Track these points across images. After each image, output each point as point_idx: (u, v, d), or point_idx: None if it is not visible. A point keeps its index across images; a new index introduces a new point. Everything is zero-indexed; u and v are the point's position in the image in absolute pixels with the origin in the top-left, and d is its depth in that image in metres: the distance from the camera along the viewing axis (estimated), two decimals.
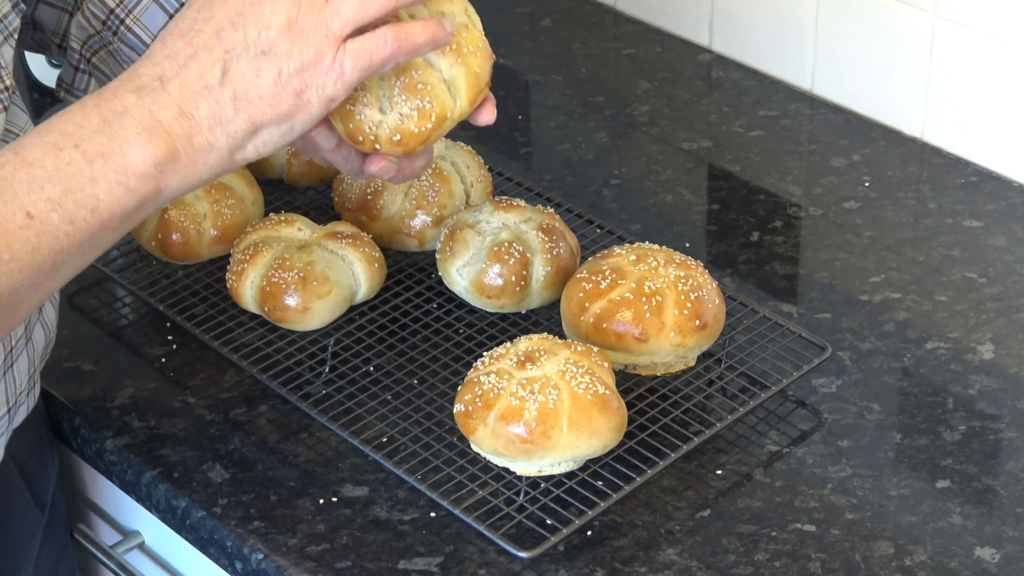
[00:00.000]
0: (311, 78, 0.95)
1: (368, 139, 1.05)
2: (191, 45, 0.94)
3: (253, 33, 0.94)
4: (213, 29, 0.95)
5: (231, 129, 0.95)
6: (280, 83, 0.95)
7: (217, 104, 0.94)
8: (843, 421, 1.27)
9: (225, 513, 1.19)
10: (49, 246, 0.91)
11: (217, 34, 0.94)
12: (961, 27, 1.53)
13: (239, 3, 0.95)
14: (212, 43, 0.94)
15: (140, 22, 1.22)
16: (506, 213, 1.34)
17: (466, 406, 1.18)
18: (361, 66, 0.96)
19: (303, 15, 0.94)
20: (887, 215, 1.51)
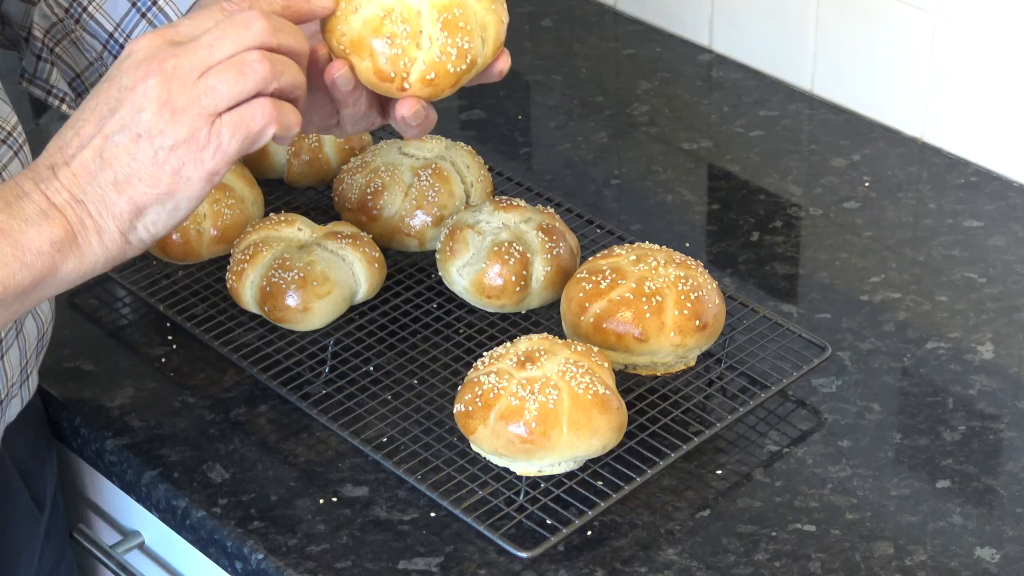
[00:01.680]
0: (187, 155, 0.96)
1: (399, 76, 1.02)
2: (78, 135, 0.97)
3: (128, 116, 0.95)
4: (96, 117, 0.96)
5: (116, 211, 0.97)
6: (157, 163, 0.96)
7: (101, 189, 0.96)
8: (843, 421, 1.27)
9: (225, 513, 1.19)
10: None
11: (99, 122, 0.96)
12: (961, 27, 1.53)
13: (117, 89, 0.96)
14: (94, 131, 0.96)
15: (102, 10, 1.23)
16: (506, 213, 1.34)
17: (466, 406, 1.18)
18: (240, 136, 0.97)
19: (174, 94, 0.95)
20: (887, 215, 1.51)
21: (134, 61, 0.96)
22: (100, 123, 0.96)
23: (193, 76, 0.95)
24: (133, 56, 0.96)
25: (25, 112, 1.69)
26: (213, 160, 0.96)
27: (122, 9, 1.23)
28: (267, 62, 0.95)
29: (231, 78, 0.95)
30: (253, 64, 0.95)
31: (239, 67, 0.95)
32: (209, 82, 0.95)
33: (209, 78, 0.95)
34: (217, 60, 0.95)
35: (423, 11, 1.02)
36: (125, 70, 0.96)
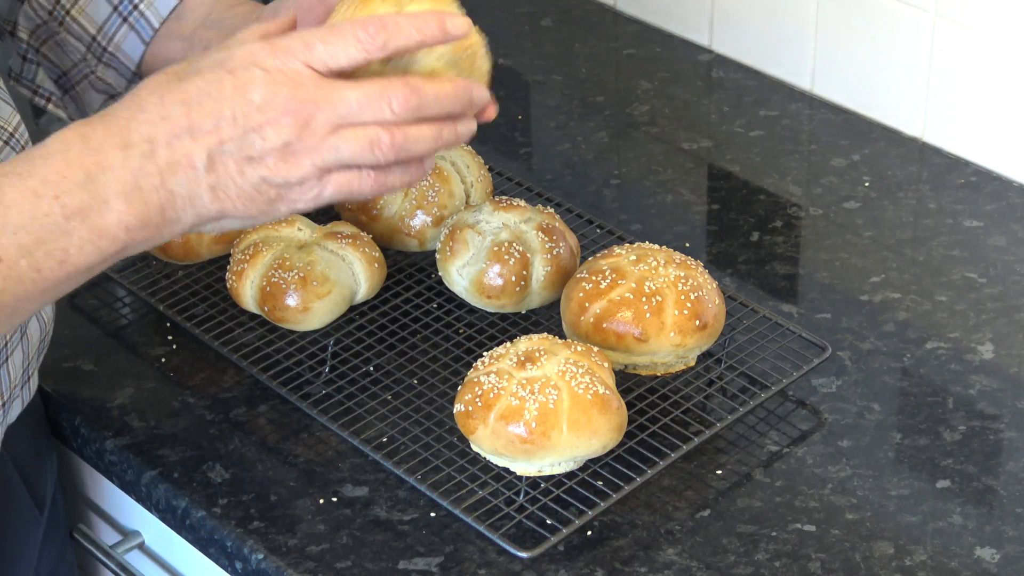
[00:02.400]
0: (287, 193, 0.97)
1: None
2: (188, 117, 0.94)
3: (249, 137, 0.94)
4: (214, 112, 0.94)
5: (201, 211, 0.96)
6: (258, 190, 0.96)
7: (196, 187, 0.95)
8: (843, 421, 1.27)
9: (225, 513, 1.19)
10: (13, 290, 0.92)
11: (217, 121, 0.94)
12: (961, 27, 1.53)
13: (246, 103, 0.94)
14: (209, 127, 0.94)
15: (85, 13, 1.24)
16: (506, 213, 1.34)
17: (466, 406, 1.18)
18: (339, 196, 0.98)
19: (301, 139, 0.95)
20: (887, 215, 1.51)
21: (269, 77, 0.94)
22: (217, 122, 0.94)
23: (325, 131, 0.95)
24: (269, 70, 0.94)
25: (25, 112, 1.69)
26: (305, 205, 0.98)
27: (104, 12, 1.24)
28: (394, 147, 0.96)
29: (357, 149, 0.95)
30: (382, 146, 0.96)
31: (369, 143, 0.95)
32: (337, 143, 0.95)
33: (339, 139, 0.95)
34: (351, 124, 0.95)
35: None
36: (261, 83, 0.94)
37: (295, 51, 0.95)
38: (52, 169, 0.92)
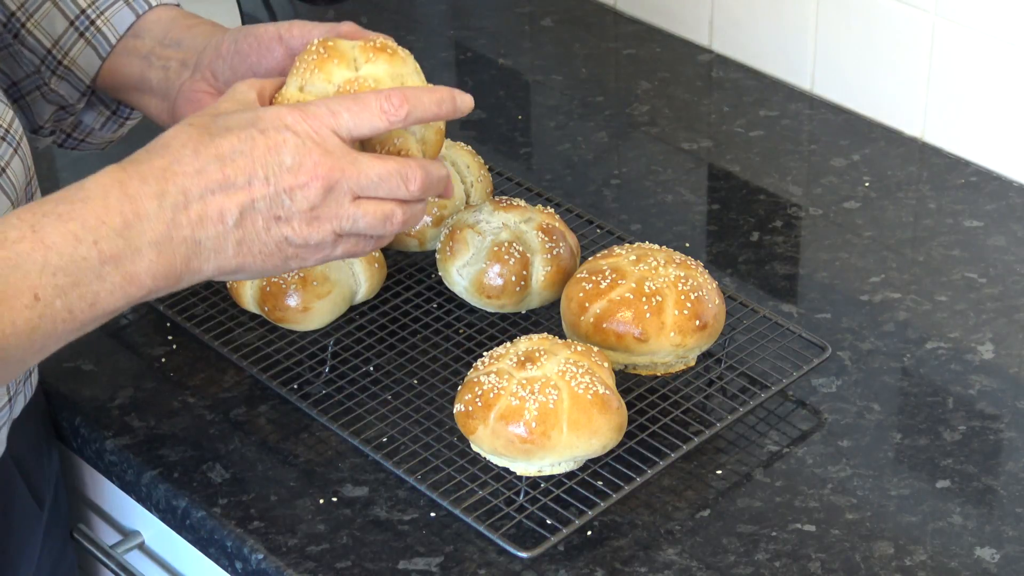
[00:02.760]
0: (304, 253, 1.03)
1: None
2: (223, 172, 0.99)
3: (278, 197, 1.00)
4: (248, 170, 0.99)
5: (223, 264, 1.01)
6: (279, 247, 1.02)
7: (223, 241, 1.00)
8: (843, 421, 1.27)
9: (225, 513, 1.19)
10: (46, 328, 0.95)
11: (250, 178, 0.99)
12: (961, 27, 1.53)
13: (279, 164, 1.00)
14: (242, 184, 0.99)
15: (40, 26, 1.25)
16: (506, 213, 1.34)
17: (466, 406, 1.18)
18: (347, 256, 1.06)
19: (325, 205, 1.02)
20: (887, 215, 1.51)
21: (300, 141, 1.00)
22: (250, 180, 0.99)
23: (347, 198, 1.02)
24: (299, 134, 1.01)
25: None
26: (314, 263, 1.05)
27: (60, 27, 1.25)
28: (403, 223, 1.05)
29: (373, 222, 1.04)
30: (395, 222, 1.05)
31: (384, 217, 1.04)
32: (356, 213, 1.03)
33: (359, 210, 1.03)
34: (371, 196, 1.03)
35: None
36: (292, 147, 1.00)
37: (323, 118, 1.02)
38: (91, 214, 0.95)
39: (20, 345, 0.94)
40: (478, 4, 1.86)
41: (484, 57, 1.77)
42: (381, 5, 1.87)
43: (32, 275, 0.93)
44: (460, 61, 1.77)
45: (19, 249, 0.93)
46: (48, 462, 1.31)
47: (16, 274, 0.93)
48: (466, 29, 1.82)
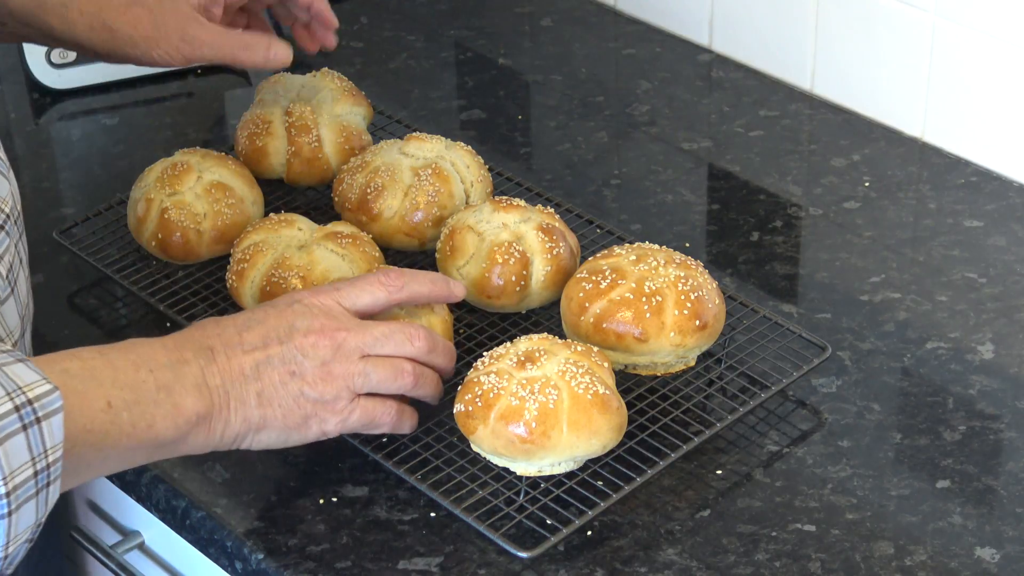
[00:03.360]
0: (321, 411, 1.13)
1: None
2: (240, 336, 1.12)
3: (292, 355, 1.12)
4: (263, 334, 1.12)
5: (248, 415, 1.11)
6: (297, 402, 1.12)
7: (246, 392, 1.11)
8: (843, 421, 1.27)
9: (225, 513, 1.19)
10: (114, 438, 1.03)
11: (265, 340, 1.12)
12: (961, 27, 1.53)
13: (290, 326, 1.13)
14: (258, 344, 1.12)
15: None
16: (506, 213, 1.34)
17: (466, 406, 1.18)
18: (363, 422, 1.16)
19: (336, 361, 1.13)
20: (887, 215, 1.51)
21: (307, 309, 1.14)
22: (266, 341, 1.12)
23: (356, 355, 1.14)
24: (307, 304, 1.14)
25: (25, 112, 1.69)
26: (334, 426, 1.15)
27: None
28: (414, 377, 1.16)
29: (384, 375, 1.15)
30: (405, 373, 1.16)
31: (394, 370, 1.15)
32: (367, 369, 1.14)
33: (368, 365, 1.14)
34: (377, 353, 1.15)
35: None
36: (300, 314, 1.13)
37: (327, 292, 1.16)
38: (145, 352, 1.08)
39: (93, 446, 1.02)
40: (478, 4, 1.86)
41: (484, 57, 1.77)
42: (381, 5, 1.87)
43: (105, 385, 1.03)
44: (460, 61, 1.77)
45: (93, 364, 1.04)
46: None
47: (92, 383, 1.03)
48: (466, 29, 1.82)
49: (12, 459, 0.94)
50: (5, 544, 0.96)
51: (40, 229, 1.46)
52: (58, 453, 0.97)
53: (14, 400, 0.95)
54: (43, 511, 0.98)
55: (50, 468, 0.96)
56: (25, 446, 0.95)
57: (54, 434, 0.96)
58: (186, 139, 1.63)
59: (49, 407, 0.96)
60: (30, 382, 0.96)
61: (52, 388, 0.97)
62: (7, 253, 1.14)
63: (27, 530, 0.97)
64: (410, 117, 1.64)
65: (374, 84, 1.70)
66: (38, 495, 0.96)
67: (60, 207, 1.54)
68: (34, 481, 0.96)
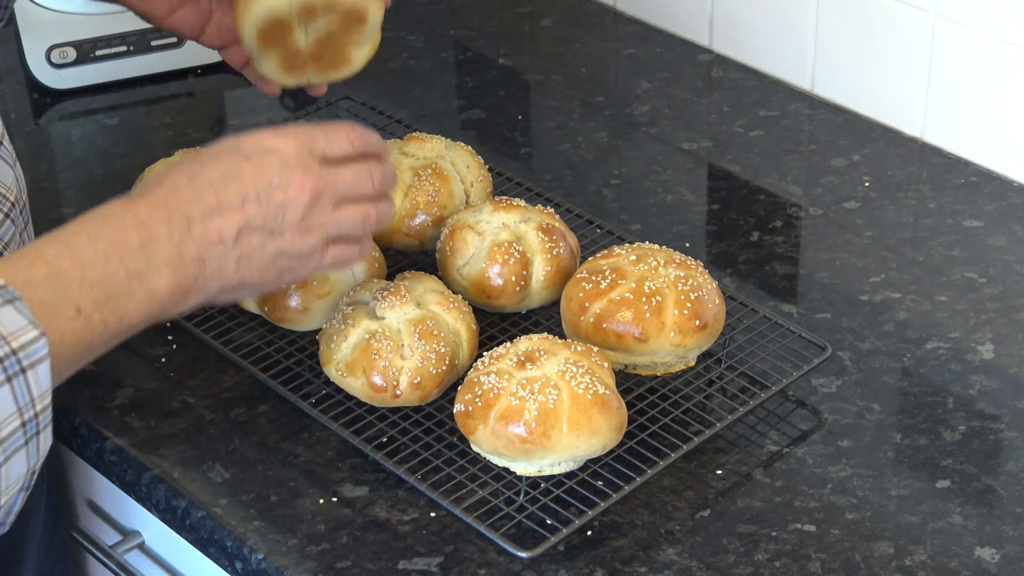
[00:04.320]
0: (296, 264, 1.11)
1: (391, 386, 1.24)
2: (216, 197, 1.06)
3: (271, 213, 1.08)
4: (240, 193, 1.07)
5: (225, 281, 1.08)
6: (275, 262, 1.10)
7: (224, 259, 1.07)
8: (843, 421, 1.27)
9: (225, 513, 1.19)
10: (86, 340, 1.00)
11: (243, 200, 1.07)
12: (961, 27, 1.53)
13: (267, 183, 1.08)
14: (236, 205, 1.07)
15: None
16: (506, 213, 1.34)
17: (466, 406, 1.18)
18: (335, 265, 1.14)
19: (313, 215, 1.10)
20: (887, 215, 1.51)
21: (283, 162, 1.09)
22: (243, 201, 1.07)
23: (330, 206, 1.11)
24: (282, 156, 1.09)
25: (25, 112, 1.69)
26: (305, 275, 1.13)
27: None
28: (377, 216, 1.15)
29: (354, 221, 1.13)
30: (371, 218, 1.14)
31: (362, 215, 1.13)
32: (339, 219, 1.12)
33: (340, 214, 1.12)
34: (348, 199, 1.12)
35: (401, 328, 1.24)
36: (274, 167, 1.08)
37: (300, 139, 1.11)
38: (115, 234, 1.03)
39: (65, 356, 0.99)
40: (478, 4, 1.86)
41: (484, 57, 1.77)
42: None
43: (73, 289, 0.99)
44: (460, 61, 1.77)
45: (59, 266, 0.99)
46: None
47: (59, 290, 0.99)
48: (466, 29, 1.82)
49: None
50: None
51: (40, 229, 1.45)
52: (46, 400, 0.95)
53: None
54: (35, 459, 0.96)
55: (39, 417, 0.95)
56: (11, 398, 0.93)
57: (40, 382, 0.95)
58: (186, 139, 1.63)
59: (35, 355, 0.94)
60: (15, 330, 0.94)
61: (38, 335, 0.94)
62: (12, 241, 1.13)
63: (19, 479, 0.96)
64: (410, 117, 1.64)
65: (374, 84, 1.70)
66: (27, 444, 0.95)
67: (60, 207, 1.54)
68: (22, 431, 0.94)
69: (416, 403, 1.24)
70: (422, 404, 1.25)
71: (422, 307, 1.26)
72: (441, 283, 1.30)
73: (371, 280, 1.30)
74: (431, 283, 1.29)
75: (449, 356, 1.24)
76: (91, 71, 1.70)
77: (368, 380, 1.23)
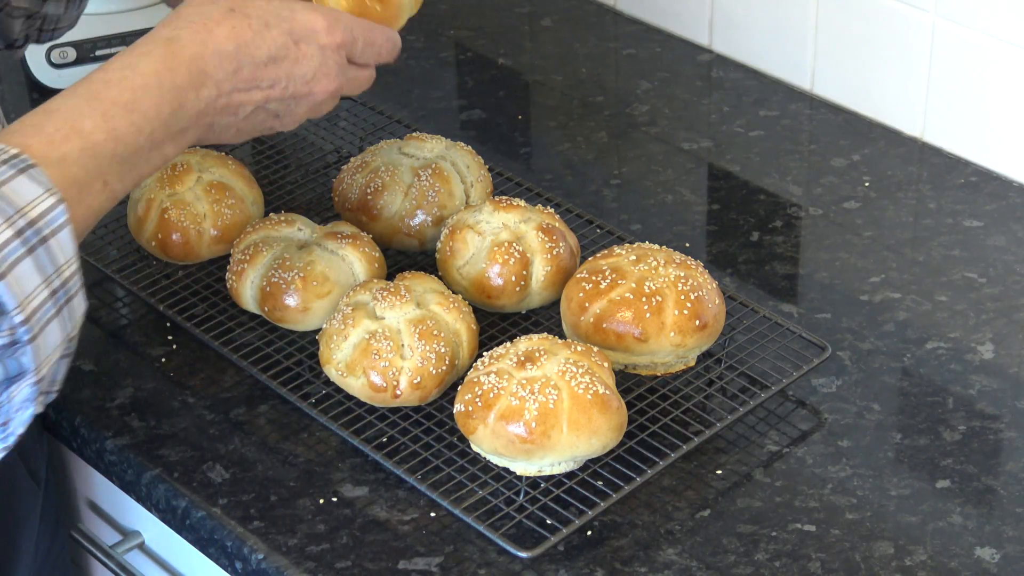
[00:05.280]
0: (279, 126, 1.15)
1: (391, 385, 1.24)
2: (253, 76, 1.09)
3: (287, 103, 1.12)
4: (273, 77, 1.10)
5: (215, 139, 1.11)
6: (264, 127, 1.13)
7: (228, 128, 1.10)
8: (843, 421, 1.27)
9: (225, 513, 1.19)
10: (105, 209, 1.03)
11: (272, 83, 1.10)
12: (961, 27, 1.53)
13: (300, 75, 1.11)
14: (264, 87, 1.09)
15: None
16: (506, 213, 1.34)
17: (466, 406, 1.18)
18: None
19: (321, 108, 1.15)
20: (887, 215, 1.51)
21: (322, 58, 1.11)
22: (272, 84, 1.09)
23: (334, 102, 1.15)
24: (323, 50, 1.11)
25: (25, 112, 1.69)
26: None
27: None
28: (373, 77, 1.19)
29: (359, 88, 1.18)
30: (371, 80, 1.18)
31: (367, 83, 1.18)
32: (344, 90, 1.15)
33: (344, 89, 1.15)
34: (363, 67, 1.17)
35: (401, 328, 1.23)
36: (313, 61, 1.11)
37: (344, 41, 1.13)
38: (150, 104, 1.03)
39: (89, 226, 1.01)
40: (478, 4, 1.86)
41: (484, 57, 1.77)
42: None
43: (103, 164, 1.00)
44: (460, 61, 1.77)
45: (94, 140, 1.00)
46: (40, 444, 1.31)
47: (91, 166, 0.99)
48: (466, 29, 1.82)
49: (24, 284, 0.92)
50: (36, 367, 0.95)
51: None
52: (73, 267, 0.95)
53: (14, 225, 0.92)
54: (70, 326, 0.97)
55: (67, 283, 0.95)
56: (35, 269, 0.93)
57: (64, 249, 0.95)
58: None
59: (54, 223, 0.94)
60: (31, 199, 0.93)
61: (56, 202, 0.94)
62: None
63: (57, 348, 0.96)
64: (410, 117, 1.64)
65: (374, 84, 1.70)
66: (60, 312, 0.95)
67: None
68: (52, 301, 0.94)
69: (416, 403, 1.24)
70: (422, 404, 1.25)
71: (422, 307, 1.26)
72: (441, 283, 1.30)
73: (371, 280, 1.30)
74: (431, 283, 1.29)
75: (449, 356, 1.24)
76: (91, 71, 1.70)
77: (368, 380, 1.23)
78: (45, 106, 1.01)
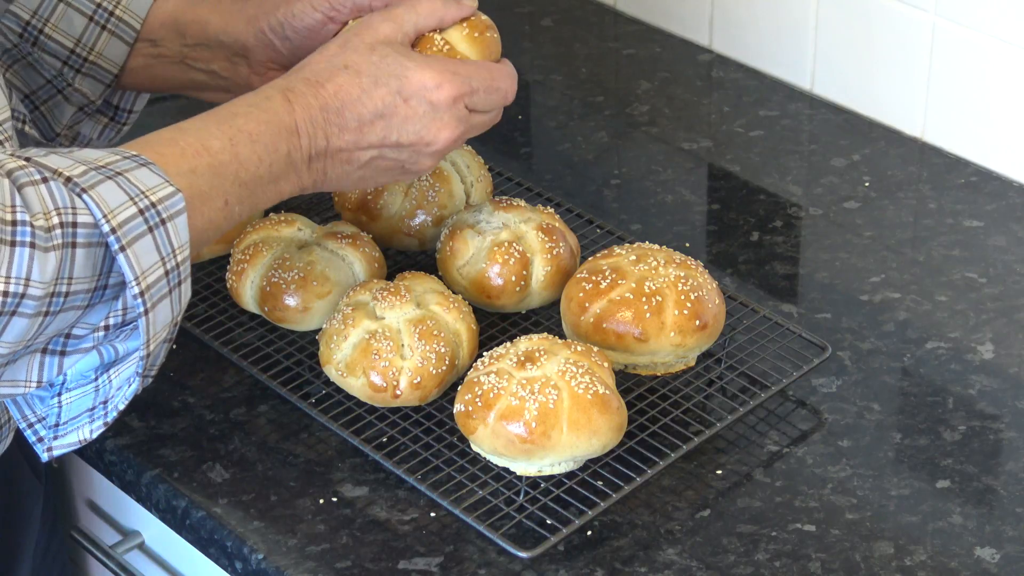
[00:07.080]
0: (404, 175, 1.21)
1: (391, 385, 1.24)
2: (360, 133, 1.14)
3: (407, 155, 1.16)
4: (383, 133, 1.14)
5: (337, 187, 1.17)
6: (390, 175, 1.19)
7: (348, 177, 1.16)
8: (843, 421, 1.27)
9: (225, 513, 1.19)
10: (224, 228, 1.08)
11: (383, 138, 1.14)
12: (961, 27, 1.53)
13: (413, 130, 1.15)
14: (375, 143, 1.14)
15: (59, 29, 1.30)
16: (506, 213, 1.34)
17: (466, 406, 1.18)
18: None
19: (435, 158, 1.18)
20: (887, 215, 1.51)
21: (435, 112, 1.15)
22: (383, 139, 1.15)
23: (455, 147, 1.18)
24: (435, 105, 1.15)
25: None
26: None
27: (79, 25, 1.28)
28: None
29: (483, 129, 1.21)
30: (495, 121, 1.21)
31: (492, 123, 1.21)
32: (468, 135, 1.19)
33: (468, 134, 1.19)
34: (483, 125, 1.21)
35: (401, 328, 1.24)
36: (425, 116, 1.15)
37: (460, 94, 1.16)
38: (271, 139, 1.09)
39: (206, 240, 1.07)
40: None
41: None
42: None
43: (227, 183, 1.06)
44: None
45: (221, 159, 1.06)
46: None
47: (216, 182, 1.06)
48: None
49: (143, 259, 0.97)
50: (146, 342, 0.99)
51: None
52: (186, 252, 1.00)
53: (137, 204, 0.97)
54: (177, 309, 1.01)
55: (180, 267, 0.99)
56: (153, 247, 0.97)
57: (180, 234, 0.99)
58: None
59: (172, 208, 0.99)
60: (152, 186, 0.98)
61: (174, 191, 0.99)
62: None
63: (164, 328, 1.00)
64: None
65: None
66: (171, 293, 0.99)
67: None
68: (166, 280, 0.98)
69: (416, 403, 1.24)
70: (422, 404, 1.25)
71: (422, 307, 1.26)
72: (441, 283, 1.30)
73: (371, 280, 1.30)
74: (431, 283, 1.29)
75: (449, 356, 1.24)
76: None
77: (368, 380, 1.23)
78: (177, 125, 1.08)
